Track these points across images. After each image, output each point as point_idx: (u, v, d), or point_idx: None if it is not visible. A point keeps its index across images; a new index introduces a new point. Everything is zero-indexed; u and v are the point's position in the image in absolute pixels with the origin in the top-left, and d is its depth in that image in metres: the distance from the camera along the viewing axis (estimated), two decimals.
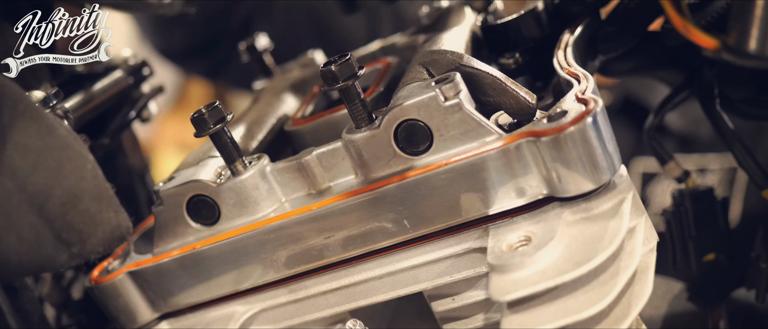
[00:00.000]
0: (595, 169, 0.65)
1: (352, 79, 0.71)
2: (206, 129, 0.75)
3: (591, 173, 0.65)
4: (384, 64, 0.96)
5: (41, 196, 0.68)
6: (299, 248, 0.76)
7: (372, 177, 0.74)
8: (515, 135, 0.67)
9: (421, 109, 0.70)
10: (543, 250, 0.63)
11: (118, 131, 1.04)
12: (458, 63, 0.75)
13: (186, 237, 0.80)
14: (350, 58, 0.71)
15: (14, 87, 0.70)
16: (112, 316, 0.83)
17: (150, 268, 0.81)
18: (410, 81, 0.74)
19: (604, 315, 0.64)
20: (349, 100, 0.72)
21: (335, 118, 0.85)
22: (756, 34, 0.64)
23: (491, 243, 0.69)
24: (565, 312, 0.61)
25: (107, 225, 0.72)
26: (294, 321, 0.81)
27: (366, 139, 0.72)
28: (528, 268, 0.63)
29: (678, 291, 1.05)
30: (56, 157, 0.69)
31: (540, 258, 0.63)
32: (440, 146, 0.70)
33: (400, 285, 0.76)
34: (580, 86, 0.70)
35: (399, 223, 0.73)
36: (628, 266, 0.64)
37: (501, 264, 0.64)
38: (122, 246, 0.86)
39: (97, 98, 0.96)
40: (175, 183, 0.79)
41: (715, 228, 1.00)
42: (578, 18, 0.88)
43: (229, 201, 0.78)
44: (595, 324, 0.63)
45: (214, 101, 0.77)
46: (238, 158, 0.77)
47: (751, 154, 0.90)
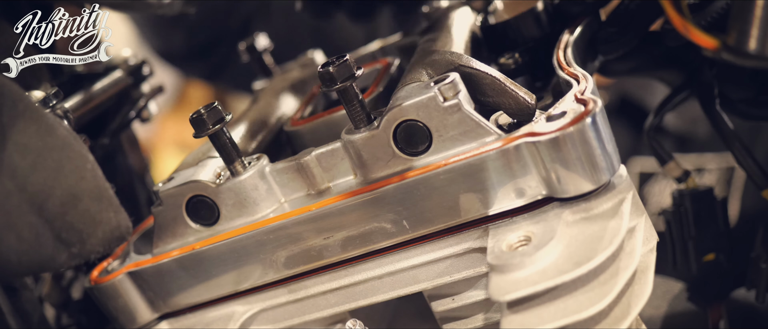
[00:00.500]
0: (594, 170, 0.65)
1: (349, 80, 0.71)
2: (205, 129, 0.75)
3: (590, 174, 0.65)
4: (383, 64, 0.96)
5: (41, 196, 0.68)
6: (299, 248, 0.76)
7: (371, 178, 0.74)
8: (514, 135, 0.67)
9: (420, 110, 0.70)
10: (543, 250, 0.63)
11: (118, 131, 1.04)
12: (457, 63, 0.75)
13: (185, 238, 0.80)
14: (348, 59, 0.71)
15: (14, 87, 0.70)
16: (112, 316, 0.83)
17: (149, 269, 0.81)
18: (409, 81, 0.74)
19: (604, 315, 0.64)
20: (348, 100, 0.72)
21: (334, 118, 0.85)
22: (756, 34, 0.64)
23: (491, 243, 0.69)
24: (565, 311, 0.61)
25: (107, 225, 0.72)
26: (294, 321, 0.81)
27: (365, 140, 0.72)
28: (528, 268, 0.63)
29: (678, 291, 1.05)
30: (56, 156, 0.69)
31: (540, 258, 0.63)
32: (439, 146, 0.70)
33: (400, 285, 0.76)
34: (580, 86, 0.70)
35: (398, 224, 0.73)
36: (628, 266, 0.64)
37: (501, 264, 0.64)
38: (122, 247, 0.86)
39: (97, 98, 0.96)
40: (174, 184, 0.79)
41: (715, 228, 1.00)
42: (578, 18, 0.88)
43: (229, 202, 0.78)
44: (595, 324, 0.63)
45: (213, 102, 0.77)
46: (238, 158, 0.77)
47: (750, 154, 0.90)
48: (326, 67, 0.71)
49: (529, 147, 0.66)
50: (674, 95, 0.98)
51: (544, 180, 0.67)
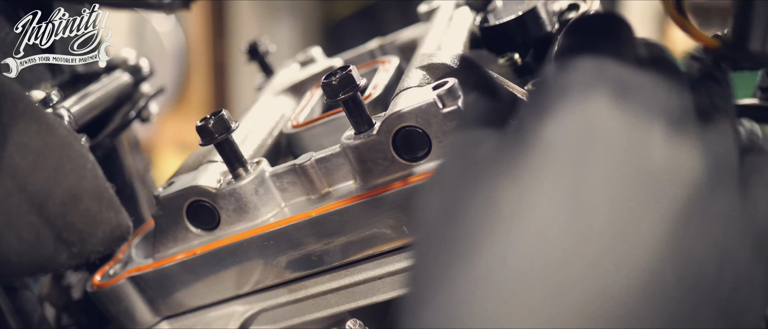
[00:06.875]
0: None
1: (353, 91, 0.71)
2: (211, 139, 0.75)
3: None
4: (383, 63, 0.96)
5: (41, 196, 0.68)
6: (299, 254, 0.77)
7: (371, 183, 0.74)
8: None
9: (419, 116, 0.70)
10: None
11: (118, 131, 1.04)
12: (456, 66, 0.75)
13: (186, 243, 0.80)
14: (351, 70, 0.71)
15: (14, 87, 0.70)
16: (113, 319, 0.83)
17: (151, 273, 0.81)
18: (408, 86, 0.74)
19: None
20: (349, 110, 0.72)
21: (334, 120, 0.85)
22: (756, 34, 0.64)
23: None
24: None
25: (107, 225, 0.72)
26: (294, 321, 0.81)
27: (364, 145, 0.72)
28: None
29: None
30: (56, 156, 0.69)
31: None
32: (439, 152, 0.70)
33: (401, 285, 0.76)
34: None
35: (398, 229, 0.73)
36: None
37: None
38: (123, 250, 0.86)
39: (97, 98, 0.96)
40: (174, 189, 0.79)
41: None
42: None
43: (229, 207, 0.78)
44: None
45: (220, 110, 0.77)
46: (240, 164, 0.77)
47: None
48: (329, 78, 0.71)
49: None
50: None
51: None
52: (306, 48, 1.16)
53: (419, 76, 0.75)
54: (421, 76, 0.75)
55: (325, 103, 0.72)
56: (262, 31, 3.81)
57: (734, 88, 0.62)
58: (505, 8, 0.90)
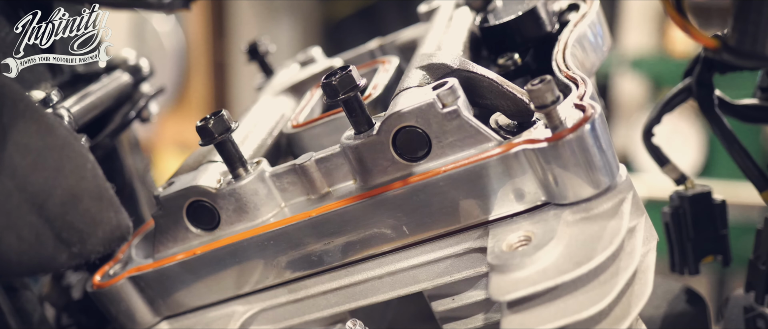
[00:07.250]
0: (593, 176, 0.65)
1: (353, 91, 0.71)
2: (211, 139, 0.75)
3: (589, 179, 0.65)
4: (383, 63, 0.96)
5: (41, 196, 0.68)
6: (299, 254, 0.77)
7: (371, 184, 0.74)
8: (513, 142, 0.67)
9: (419, 116, 0.70)
10: (543, 250, 0.63)
11: (118, 131, 1.04)
12: (455, 67, 0.75)
13: (186, 243, 0.80)
14: (351, 70, 0.71)
15: (14, 87, 0.70)
16: (114, 319, 0.83)
17: (151, 273, 0.81)
18: (408, 86, 0.74)
19: (604, 314, 0.64)
20: (350, 110, 0.72)
21: (334, 120, 0.85)
22: (756, 34, 0.64)
23: (491, 243, 0.69)
24: (565, 311, 0.61)
25: (107, 225, 0.72)
26: (294, 320, 0.81)
27: (364, 145, 0.72)
28: (528, 268, 0.63)
29: (678, 291, 1.05)
30: (56, 156, 0.69)
31: (540, 257, 0.63)
32: (439, 153, 0.70)
33: (400, 285, 0.76)
34: (578, 91, 0.70)
35: (398, 229, 0.73)
36: (628, 266, 0.64)
37: (501, 263, 0.64)
38: (123, 250, 0.86)
39: (97, 98, 0.96)
40: (174, 189, 0.79)
41: (713, 230, 1.00)
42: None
43: (229, 207, 0.78)
44: (595, 324, 0.63)
45: (220, 110, 0.77)
46: (240, 164, 0.77)
47: (749, 156, 0.90)
48: (329, 78, 0.71)
49: (528, 154, 0.66)
50: (674, 97, 0.98)
51: (543, 186, 0.68)
52: (306, 48, 1.16)
53: (419, 76, 0.75)
54: (421, 76, 0.75)
55: (325, 103, 0.72)
56: (262, 31, 3.81)
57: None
58: (505, 8, 0.90)
